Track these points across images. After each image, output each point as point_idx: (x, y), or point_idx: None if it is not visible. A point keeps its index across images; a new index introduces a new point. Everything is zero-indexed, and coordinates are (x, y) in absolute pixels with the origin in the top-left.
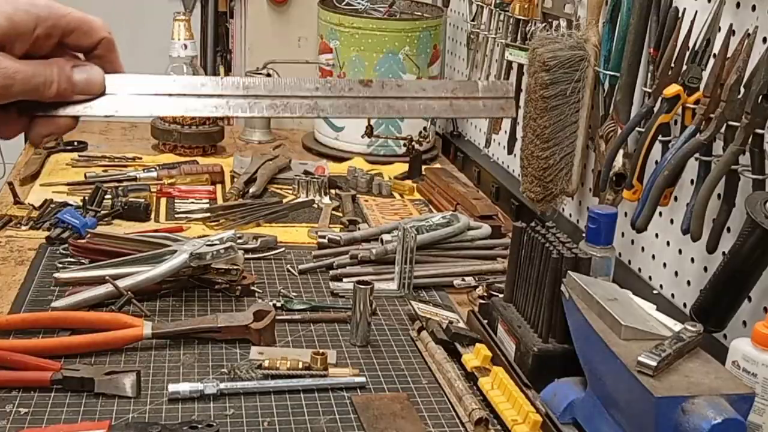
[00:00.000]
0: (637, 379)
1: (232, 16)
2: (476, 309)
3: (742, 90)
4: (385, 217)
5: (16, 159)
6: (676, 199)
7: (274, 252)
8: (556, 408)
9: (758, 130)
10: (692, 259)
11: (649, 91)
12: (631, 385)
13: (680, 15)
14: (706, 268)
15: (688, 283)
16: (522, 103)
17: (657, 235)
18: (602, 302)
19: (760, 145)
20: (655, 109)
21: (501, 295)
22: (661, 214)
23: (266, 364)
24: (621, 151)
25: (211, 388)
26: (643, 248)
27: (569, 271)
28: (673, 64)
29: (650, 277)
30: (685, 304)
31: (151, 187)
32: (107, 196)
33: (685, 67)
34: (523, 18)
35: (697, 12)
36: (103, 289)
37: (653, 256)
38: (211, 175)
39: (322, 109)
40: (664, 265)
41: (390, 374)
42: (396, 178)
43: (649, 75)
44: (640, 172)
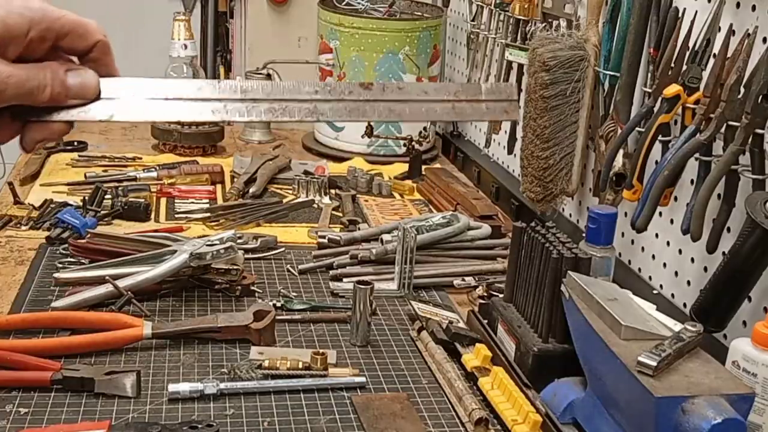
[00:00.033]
0: (637, 379)
1: (232, 16)
2: (476, 309)
3: (742, 90)
4: (385, 217)
5: (16, 159)
6: (676, 199)
7: (274, 252)
8: (556, 408)
9: (758, 130)
10: (692, 259)
11: (649, 91)
12: (631, 385)
13: (680, 15)
14: (706, 268)
15: (688, 283)
16: (522, 103)
17: (657, 235)
18: (602, 302)
19: (760, 145)
20: (655, 109)
21: (501, 295)
22: (661, 214)
23: (266, 364)
24: (621, 151)
25: (211, 388)
26: (643, 248)
27: (569, 271)
28: (673, 64)
29: (650, 277)
30: (685, 304)
31: (151, 187)
32: (107, 196)
33: (685, 67)
34: (523, 18)
35: (697, 12)
36: (103, 289)
37: (653, 256)
38: (211, 175)
39: (322, 113)
40: (664, 265)
41: (390, 374)
42: (396, 178)
43: (649, 75)
44: (640, 172)
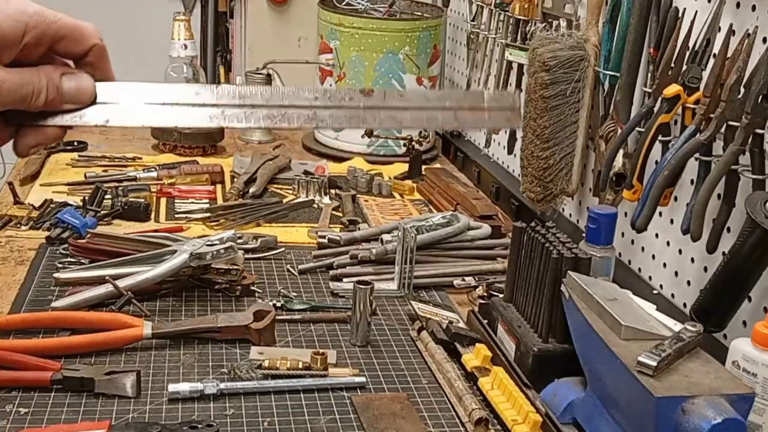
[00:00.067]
0: (637, 379)
1: (232, 16)
2: (476, 309)
3: (742, 90)
4: (385, 217)
5: (16, 159)
6: (676, 199)
7: (274, 252)
8: (556, 408)
9: (758, 130)
10: (692, 259)
11: (649, 91)
12: (631, 385)
13: (680, 15)
14: (706, 268)
15: (688, 283)
16: (522, 103)
17: (657, 235)
18: (602, 302)
19: (760, 145)
20: (655, 109)
21: (501, 295)
22: (661, 214)
23: (266, 364)
24: (621, 151)
25: (211, 388)
26: (643, 248)
27: (569, 271)
28: (673, 64)
29: (650, 277)
30: (685, 304)
31: (151, 187)
32: (107, 196)
33: (685, 67)
34: (523, 18)
35: (697, 12)
36: (103, 289)
37: (653, 256)
38: (211, 175)
39: (321, 120)
40: (664, 265)
41: (390, 374)
42: (396, 178)
43: (649, 75)
44: (640, 172)
